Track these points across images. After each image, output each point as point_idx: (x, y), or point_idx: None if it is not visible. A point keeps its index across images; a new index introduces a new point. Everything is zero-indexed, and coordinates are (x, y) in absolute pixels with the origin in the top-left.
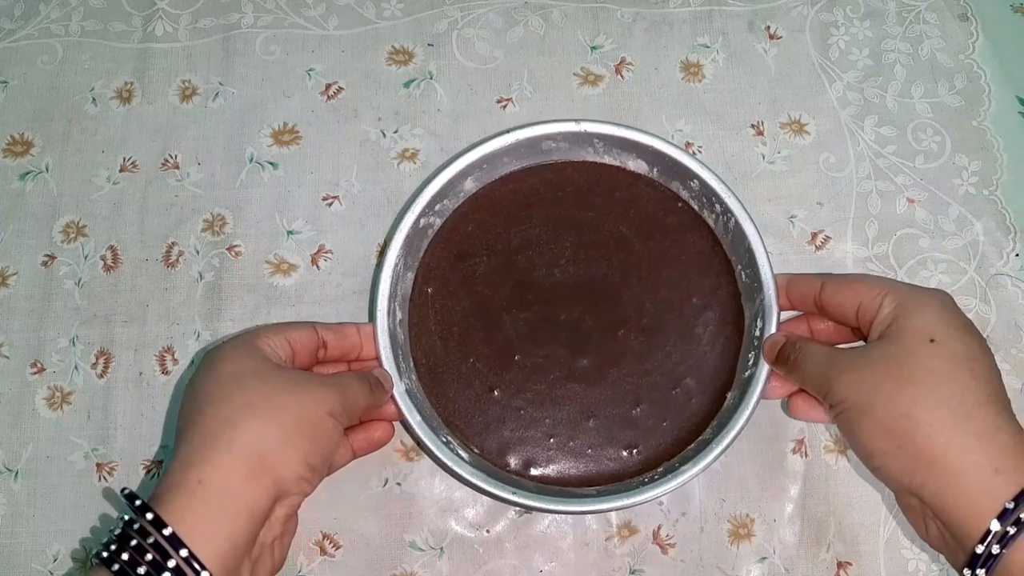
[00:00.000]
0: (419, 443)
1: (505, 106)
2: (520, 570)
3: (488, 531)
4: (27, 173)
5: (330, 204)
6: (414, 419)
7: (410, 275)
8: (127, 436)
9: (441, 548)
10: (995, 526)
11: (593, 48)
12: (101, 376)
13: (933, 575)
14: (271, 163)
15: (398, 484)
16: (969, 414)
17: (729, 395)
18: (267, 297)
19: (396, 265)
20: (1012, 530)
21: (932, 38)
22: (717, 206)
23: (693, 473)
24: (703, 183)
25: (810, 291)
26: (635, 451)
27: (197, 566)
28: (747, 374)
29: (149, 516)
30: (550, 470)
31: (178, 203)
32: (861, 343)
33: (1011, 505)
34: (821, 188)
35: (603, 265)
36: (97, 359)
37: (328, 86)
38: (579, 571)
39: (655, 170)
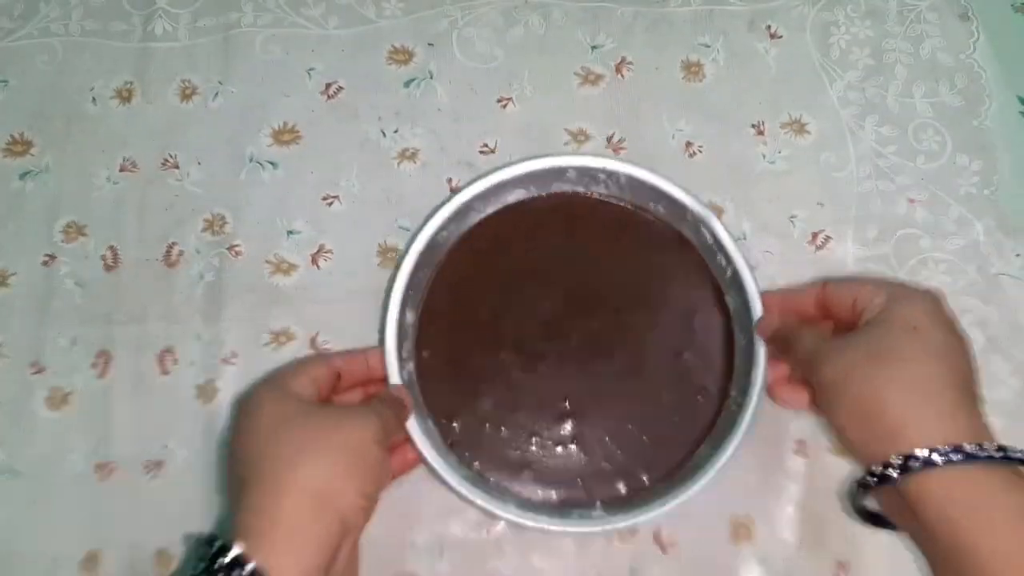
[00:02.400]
0: (515, 524)
1: (505, 105)
2: (520, 570)
3: (488, 532)
4: (27, 173)
5: (330, 204)
6: (504, 509)
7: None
8: (127, 436)
9: (441, 549)
10: (921, 452)
11: (593, 47)
12: (101, 376)
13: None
14: (271, 163)
15: (399, 485)
16: (935, 396)
17: (731, 397)
18: (267, 297)
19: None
20: (939, 459)
21: (933, 38)
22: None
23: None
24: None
25: (810, 295)
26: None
27: None
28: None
29: (231, 554)
30: (614, 492)
31: (178, 203)
32: None
33: (945, 448)
34: (822, 188)
35: (588, 292)
36: (97, 359)
37: (328, 85)
38: (579, 571)
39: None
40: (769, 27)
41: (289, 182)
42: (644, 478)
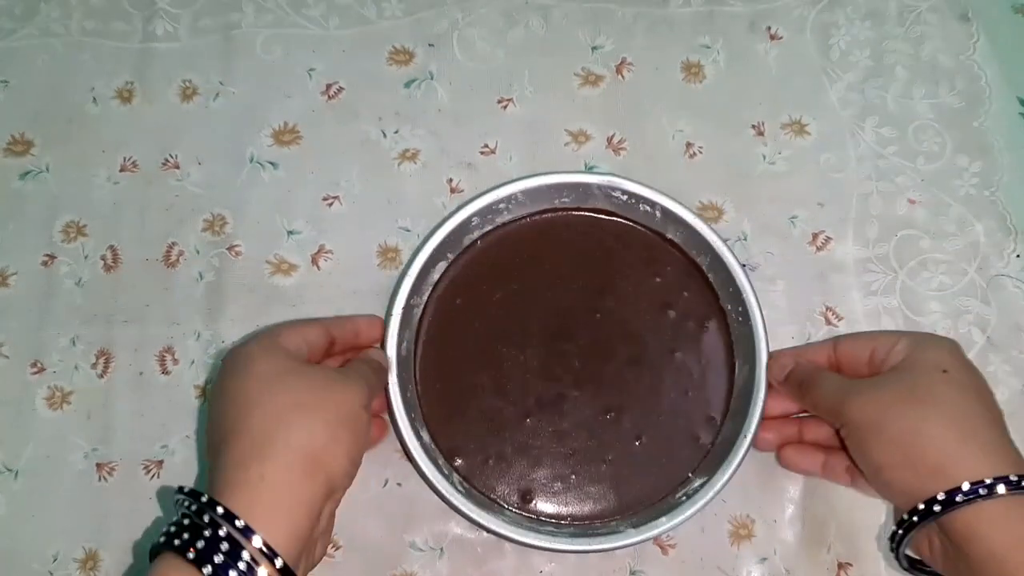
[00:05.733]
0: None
1: (506, 106)
2: (520, 571)
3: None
4: (27, 173)
5: (330, 204)
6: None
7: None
8: (127, 436)
9: (441, 548)
10: (965, 486)
11: (594, 48)
12: (101, 376)
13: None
14: (271, 163)
15: (398, 484)
16: (974, 432)
17: (737, 364)
18: (267, 297)
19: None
20: (983, 491)
21: (933, 39)
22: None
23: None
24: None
25: (822, 352)
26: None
27: (270, 553)
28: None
29: (220, 510)
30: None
31: (178, 203)
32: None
33: (989, 480)
34: (822, 189)
35: (565, 320)
36: (97, 359)
37: (328, 86)
38: (579, 572)
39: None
40: (769, 28)
41: (289, 182)
42: (706, 435)
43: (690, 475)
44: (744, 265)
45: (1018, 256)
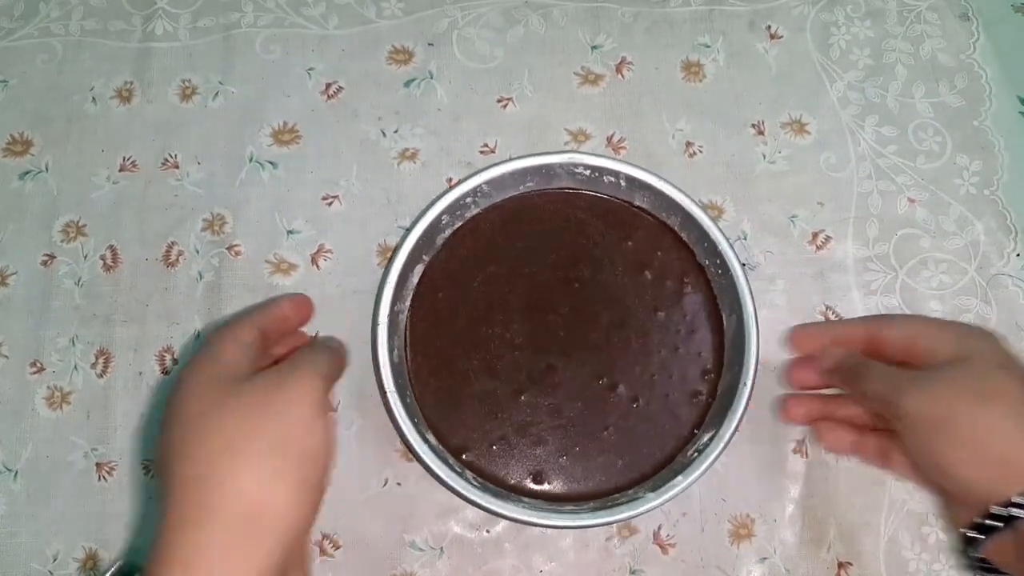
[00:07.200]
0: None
1: (505, 105)
2: (520, 570)
3: (488, 531)
4: (27, 172)
5: (330, 204)
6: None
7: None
8: (126, 436)
9: (441, 548)
10: None
11: (594, 47)
12: (101, 376)
13: (934, 575)
14: (271, 162)
15: (398, 484)
16: None
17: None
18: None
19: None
20: None
21: (933, 38)
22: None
23: (694, 478)
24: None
25: (858, 330)
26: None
27: None
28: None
29: None
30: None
31: (178, 202)
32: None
33: None
34: (822, 188)
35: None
36: (97, 359)
37: (328, 85)
38: (579, 571)
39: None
40: (769, 27)
41: (289, 182)
42: (703, 390)
43: (696, 431)
44: (713, 217)
45: (1018, 255)
